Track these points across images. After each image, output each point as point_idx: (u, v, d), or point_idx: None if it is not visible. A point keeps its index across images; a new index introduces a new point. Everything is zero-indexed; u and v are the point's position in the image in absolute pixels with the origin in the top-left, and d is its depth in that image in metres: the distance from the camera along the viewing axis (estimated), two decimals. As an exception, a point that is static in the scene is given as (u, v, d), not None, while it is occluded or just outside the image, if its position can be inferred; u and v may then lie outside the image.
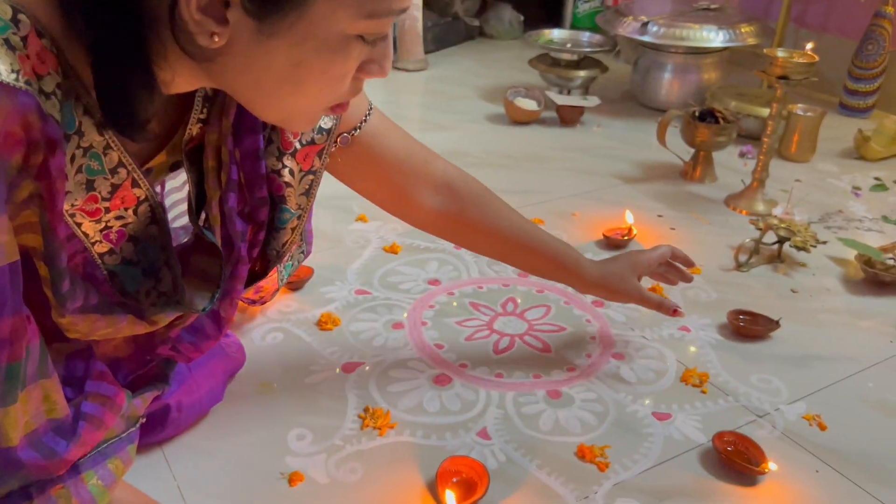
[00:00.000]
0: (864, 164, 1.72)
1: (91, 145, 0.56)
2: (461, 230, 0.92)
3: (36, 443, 0.55)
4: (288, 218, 0.76)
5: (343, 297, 1.11)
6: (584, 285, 0.96)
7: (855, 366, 1.01)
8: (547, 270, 0.96)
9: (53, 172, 0.50)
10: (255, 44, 0.52)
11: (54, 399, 0.57)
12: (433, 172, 0.87)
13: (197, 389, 0.81)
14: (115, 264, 0.64)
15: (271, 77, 0.55)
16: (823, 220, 1.43)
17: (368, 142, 0.81)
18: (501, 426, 0.87)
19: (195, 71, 0.55)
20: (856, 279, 1.23)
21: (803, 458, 0.85)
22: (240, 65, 0.54)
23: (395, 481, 0.78)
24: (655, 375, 0.97)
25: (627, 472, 0.81)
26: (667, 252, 0.99)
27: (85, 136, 0.55)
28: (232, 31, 0.51)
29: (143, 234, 0.66)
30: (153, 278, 0.68)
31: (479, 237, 0.92)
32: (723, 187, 1.54)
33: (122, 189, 0.61)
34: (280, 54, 0.53)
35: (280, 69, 0.54)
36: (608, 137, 1.82)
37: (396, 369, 0.96)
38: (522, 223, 0.92)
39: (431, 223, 0.91)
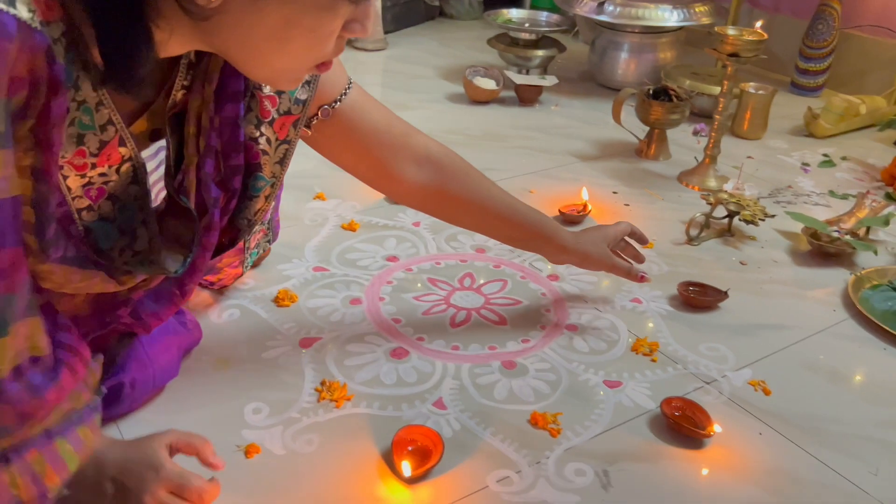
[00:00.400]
0: (813, 141, 1.77)
1: (85, 100, 0.58)
2: (443, 204, 0.94)
3: (20, 379, 0.55)
4: (262, 186, 0.78)
5: (300, 274, 1.11)
6: (560, 252, 0.99)
7: (799, 334, 1.05)
8: (526, 240, 1.00)
9: (53, 115, 0.52)
10: (249, 3, 0.55)
11: (38, 337, 0.57)
12: (414, 146, 0.89)
13: (150, 365, 0.81)
14: (91, 220, 0.66)
15: (262, 35, 0.58)
16: (773, 195, 1.47)
17: (348, 114, 0.83)
18: (457, 396, 0.89)
19: (190, 30, 0.57)
20: (803, 251, 1.27)
21: (748, 421, 0.88)
22: (233, 23, 0.56)
23: (352, 451, 0.80)
24: (607, 345, 1.00)
25: (578, 437, 0.84)
26: (626, 228, 1.04)
27: (80, 90, 0.57)
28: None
29: (123, 193, 0.68)
30: (129, 236, 0.69)
31: (462, 210, 0.95)
32: (676, 164, 1.57)
33: (109, 146, 0.63)
34: (272, 13, 0.56)
35: (271, 27, 0.57)
36: (566, 116, 1.84)
37: (354, 343, 0.97)
38: (503, 195, 0.95)
39: (414, 197, 0.93)
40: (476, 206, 0.94)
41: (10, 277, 0.52)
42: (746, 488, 0.78)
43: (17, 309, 0.54)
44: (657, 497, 0.77)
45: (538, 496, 0.76)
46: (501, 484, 0.77)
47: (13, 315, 0.53)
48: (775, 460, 0.82)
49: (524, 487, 0.77)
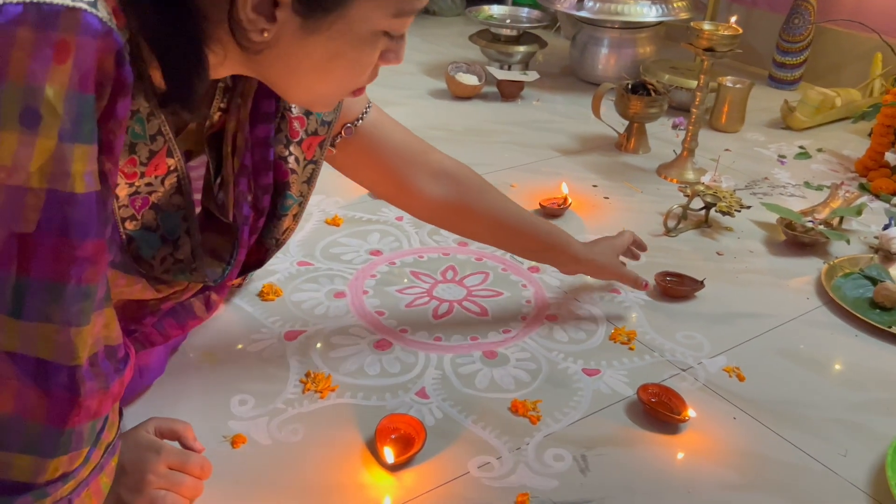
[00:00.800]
0: (790, 133, 1.80)
1: (139, 109, 0.60)
2: (461, 218, 0.97)
3: (95, 366, 0.56)
4: (290, 205, 0.81)
5: (285, 269, 1.13)
6: (573, 262, 1.03)
7: (773, 321, 1.07)
8: (540, 251, 1.03)
9: (119, 116, 0.53)
10: (298, 38, 0.59)
11: (112, 327, 0.58)
12: (431, 162, 0.93)
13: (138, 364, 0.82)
14: (134, 230, 0.68)
15: (308, 66, 0.62)
16: (750, 186, 1.50)
17: (369, 132, 0.87)
18: (439, 386, 0.91)
19: (241, 58, 0.61)
20: (778, 241, 1.29)
21: (722, 406, 0.90)
22: (281, 55, 0.60)
23: (336, 440, 0.81)
24: (586, 335, 1.02)
25: (557, 423, 0.86)
26: (630, 237, 1.10)
27: (135, 100, 0.59)
28: (279, 28, 0.57)
29: (167, 203, 0.70)
30: (171, 245, 0.72)
31: (479, 225, 0.99)
32: (655, 157, 1.59)
33: (157, 156, 0.65)
34: (318, 47, 0.60)
35: (317, 60, 0.61)
36: (547, 111, 1.86)
37: (338, 336, 0.98)
38: (517, 209, 0.99)
39: (433, 212, 0.97)
40: (493, 220, 0.97)
41: (93, 267, 0.53)
42: (720, 470, 0.81)
43: (98, 298, 0.55)
44: (634, 480, 0.79)
45: (518, 481, 0.78)
46: (482, 470, 0.79)
47: (94, 304, 0.54)
48: (748, 443, 0.85)
49: (504, 473, 0.79)
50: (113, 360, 0.59)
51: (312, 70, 0.62)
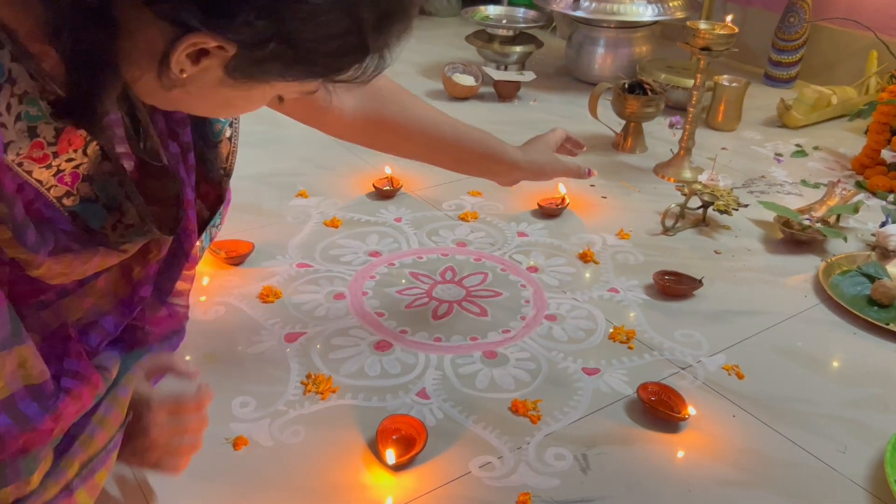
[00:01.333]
0: (786, 131, 1.80)
1: (26, 91, 0.56)
2: (384, 132, 0.91)
3: (10, 408, 0.55)
4: (220, 129, 0.79)
5: (284, 271, 1.13)
6: (512, 169, 0.99)
7: (772, 319, 1.08)
8: (475, 162, 0.98)
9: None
10: (211, 87, 0.58)
11: (31, 364, 0.56)
12: None
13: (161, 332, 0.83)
14: (74, 205, 0.66)
15: (208, 106, 0.63)
16: (747, 185, 1.50)
17: None
18: (440, 386, 0.91)
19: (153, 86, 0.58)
20: (775, 239, 1.30)
21: (722, 404, 0.91)
22: (190, 94, 0.59)
23: (338, 441, 0.82)
24: (585, 334, 1.02)
25: (558, 423, 0.86)
26: (563, 133, 1.06)
27: (18, 83, 0.55)
28: (200, 73, 0.55)
29: (97, 172, 0.68)
30: (117, 212, 0.70)
31: (402, 137, 0.92)
32: (652, 156, 1.60)
33: (66, 132, 0.61)
34: (224, 96, 0.59)
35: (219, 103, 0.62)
36: (544, 111, 1.86)
37: (338, 337, 0.99)
38: (442, 118, 0.93)
39: (354, 128, 0.90)
40: (417, 132, 0.91)
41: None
42: (720, 468, 0.81)
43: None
44: (635, 478, 0.79)
45: (519, 480, 0.78)
46: (484, 469, 0.79)
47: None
48: (748, 441, 0.85)
49: (506, 472, 0.79)
50: (39, 399, 0.57)
51: (211, 109, 0.65)
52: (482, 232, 1.28)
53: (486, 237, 1.26)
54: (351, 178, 1.43)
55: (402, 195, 1.38)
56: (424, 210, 1.33)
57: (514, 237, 1.27)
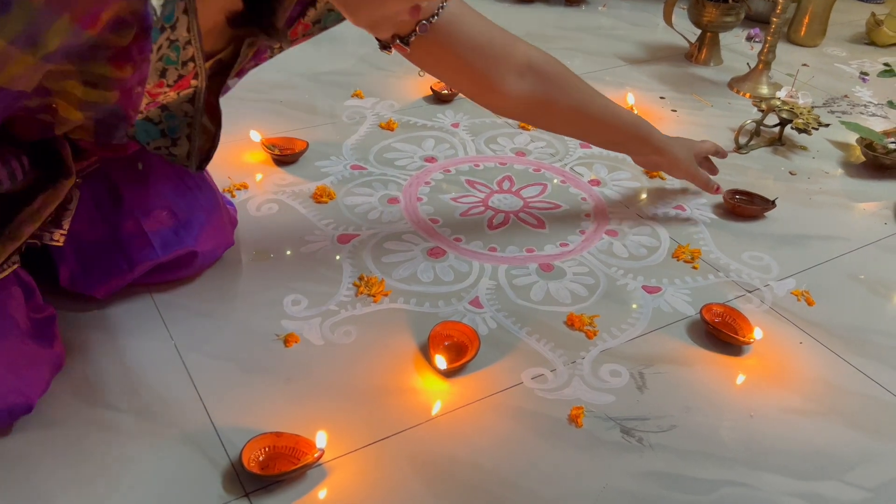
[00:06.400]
0: (874, 49, 1.68)
1: (177, 39, 0.61)
2: (545, 112, 0.93)
3: None
4: None
5: (338, 172, 1.10)
6: (653, 152, 1.00)
7: (847, 245, 1.02)
8: (624, 142, 1.00)
9: (137, 57, 0.54)
10: None
11: None
12: (515, 56, 0.87)
13: (214, 236, 0.86)
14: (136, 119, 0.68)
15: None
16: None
17: (446, 28, 0.81)
18: (493, 296, 0.88)
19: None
20: (856, 163, 1.22)
21: (789, 330, 0.86)
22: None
23: (388, 344, 0.80)
24: (648, 251, 0.98)
25: (615, 339, 0.83)
26: (712, 147, 1.08)
27: (176, 31, 0.59)
28: None
29: (176, 108, 0.72)
30: (169, 140, 0.75)
31: (563, 118, 0.94)
32: (727, 70, 1.50)
33: (184, 79, 0.66)
34: None
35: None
36: (613, 17, 1.76)
37: (391, 241, 0.96)
38: (603, 101, 0.95)
39: (517, 108, 0.93)
40: (577, 113, 0.93)
41: None
42: (785, 395, 0.78)
43: None
44: (693, 400, 0.76)
45: (572, 394, 0.76)
46: (536, 381, 0.77)
47: None
48: (815, 369, 0.81)
49: (559, 385, 0.77)
50: None
51: None
52: (543, 141, 1.22)
53: (546, 147, 1.21)
54: (408, 79, 1.37)
55: (460, 100, 1.32)
56: (483, 116, 1.28)
57: (577, 148, 1.21)
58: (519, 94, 0.88)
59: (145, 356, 0.77)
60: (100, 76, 0.55)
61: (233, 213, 0.93)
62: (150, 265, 0.81)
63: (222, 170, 1.05)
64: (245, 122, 1.18)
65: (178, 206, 0.82)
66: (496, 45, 0.85)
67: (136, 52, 0.53)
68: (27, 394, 0.67)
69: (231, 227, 0.91)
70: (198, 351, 0.78)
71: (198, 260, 0.84)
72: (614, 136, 0.98)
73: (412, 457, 0.68)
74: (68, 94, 0.57)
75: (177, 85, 0.66)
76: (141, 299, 0.83)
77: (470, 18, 0.83)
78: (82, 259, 0.79)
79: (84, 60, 0.53)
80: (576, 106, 0.92)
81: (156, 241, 0.80)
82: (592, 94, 0.94)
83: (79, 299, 0.81)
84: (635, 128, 0.98)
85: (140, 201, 0.80)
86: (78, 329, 0.79)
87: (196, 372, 0.75)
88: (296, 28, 0.76)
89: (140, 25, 0.51)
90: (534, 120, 0.98)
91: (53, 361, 0.71)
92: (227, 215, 0.90)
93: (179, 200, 0.82)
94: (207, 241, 0.85)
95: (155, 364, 0.76)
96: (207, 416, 0.70)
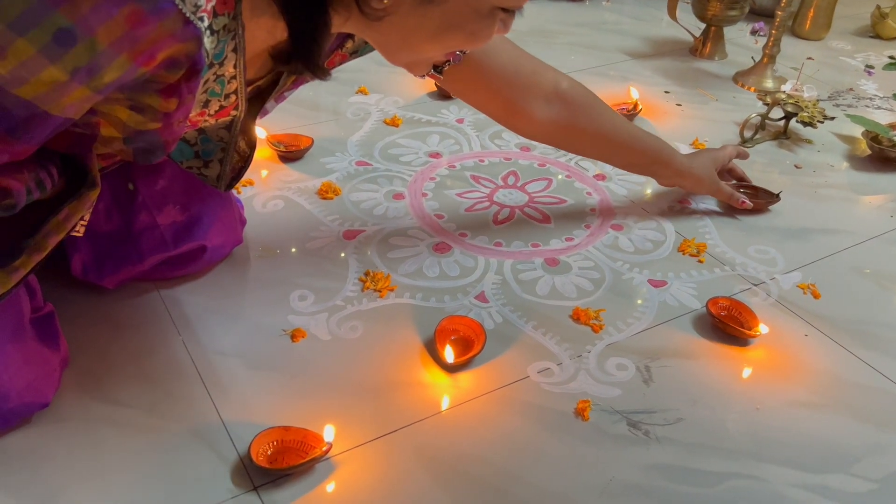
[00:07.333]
0: (879, 42, 1.67)
1: (223, 74, 0.63)
2: (571, 137, 0.96)
3: None
4: None
5: (343, 168, 1.10)
6: (676, 175, 1.02)
7: (852, 239, 1.02)
8: (645, 165, 1.02)
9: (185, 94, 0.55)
10: (415, 8, 0.60)
11: None
12: (543, 83, 0.90)
13: (223, 232, 0.86)
14: None
15: (421, 35, 0.63)
16: (833, 97, 1.40)
17: (478, 57, 0.85)
18: (499, 291, 0.88)
19: (361, 24, 0.63)
20: (861, 156, 1.22)
21: (795, 323, 0.86)
22: (399, 23, 0.62)
23: (395, 339, 0.81)
24: (653, 245, 0.98)
25: (621, 333, 0.83)
26: (733, 151, 1.07)
27: (223, 67, 0.62)
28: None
29: (212, 132, 0.74)
30: (202, 162, 0.79)
31: (587, 142, 0.97)
32: (732, 64, 1.50)
33: (225, 109, 0.68)
34: (434, 17, 0.61)
35: (431, 29, 0.62)
36: (617, 12, 1.76)
37: (397, 237, 0.97)
38: (626, 125, 0.98)
39: (544, 133, 0.96)
40: (601, 138, 0.96)
41: None
42: (791, 388, 0.78)
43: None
44: (700, 393, 0.77)
45: (579, 387, 0.76)
46: (542, 375, 0.77)
47: None
48: (822, 362, 0.81)
49: (565, 379, 0.77)
50: None
51: (426, 38, 0.63)
52: (547, 136, 1.22)
53: (551, 142, 1.21)
54: (412, 76, 1.37)
55: (464, 96, 1.32)
56: (488, 112, 1.28)
57: (581, 143, 1.21)
58: (545, 121, 0.91)
59: (153, 352, 0.77)
60: (147, 105, 0.56)
61: (241, 210, 0.94)
62: (161, 258, 0.82)
63: (228, 167, 1.05)
64: (250, 119, 1.18)
65: (191, 202, 0.83)
66: (524, 73, 0.89)
67: (185, 91, 0.55)
68: (43, 391, 0.68)
69: (240, 225, 0.92)
70: (205, 346, 0.78)
71: (206, 255, 0.85)
72: (637, 160, 1.00)
73: (419, 450, 0.69)
74: (113, 117, 0.58)
75: (217, 114, 0.69)
76: (148, 295, 0.84)
77: (500, 48, 0.87)
78: (96, 250, 0.80)
79: (134, 92, 0.55)
80: (601, 131, 0.95)
81: (167, 235, 0.81)
82: (616, 119, 0.96)
83: (87, 295, 0.82)
84: (657, 152, 0.99)
85: (154, 195, 0.81)
86: (86, 325, 0.79)
87: (204, 367, 0.76)
88: (333, 59, 0.78)
89: (191, 66, 0.53)
90: (559, 144, 1.00)
91: (61, 357, 0.72)
92: (237, 213, 0.90)
93: (192, 196, 0.83)
94: (217, 236, 0.85)
95: (163, 359, 0.76)
96: (216, 411, 0.71)
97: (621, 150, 0.98)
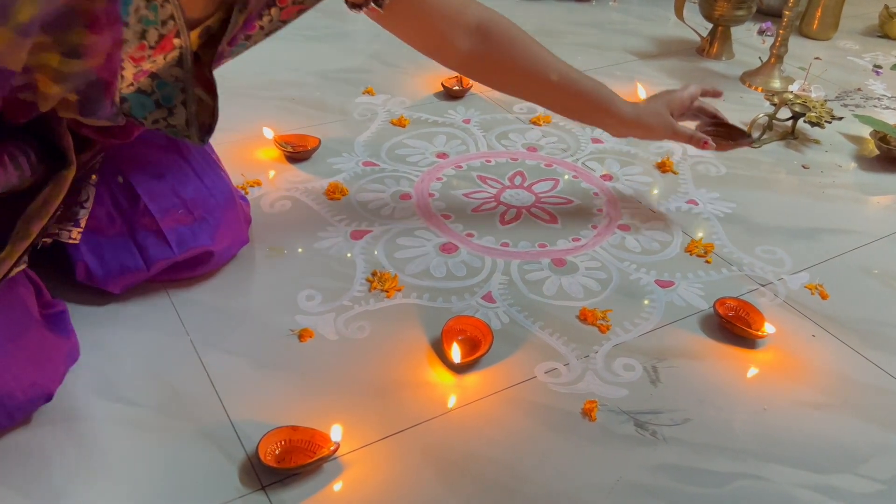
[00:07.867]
0: (887, 42, 1.67)
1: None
2: (491, 70, 0.92)
3: None
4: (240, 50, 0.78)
5: (350, 169, 1.10)
6: (619, 123, 0.96)
7: (860, 239, 1.01)
8: (581, 111, 0.97)
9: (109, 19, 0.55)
10: None
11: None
12: (466, 16, 0.88)
13: (229, 234, 0.86)
14: (128, 93, 0.68)
15: None
16: (841, 97, 1.40)
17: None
18: (506, 291, 0.89)
19: None
20: (869, 156, 1.21)
21: (803, 324, 0.86)
22: None
23: (402, 339, 0.81)
24: (660, 245, 0.98)
25: (628, 333, 0.83)
26: (695, 91, 0.99)
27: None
28: None
29: (165, 73, 0.70)
30: (165, 110, 0.72)
31: (510, 77, 0.93)
32: (739, 64, 1.50)
33: (165, 39, 0.65)
34: None
35: None
36: (624, 12, 1.76)
37: (404, 237, 0.97)
38: (555, 63, 0.92)
39: (463, 65, 0.92)
40: (525, 74, 0.91)
41: None
42: (799, 388, 0.78)
43: None
44: (707, 393, 0.77)
45: (586, 388, 0.76)
46: (549, 375, 0.77)
47: None
48: (830, 363, 0.81)
49: (572, 379, 0.77)
50: None
51: None
52: (554, 137, 1.23)
53: (558, 142, 1.21)
54: (419, 76, 1.38)
55: (471, 96, 1.32)
56: (494, 112, 1.28)
57: (588, 143, 1.21)
58: (464, 51, 0.89)
59: (162, 351, 0.77)
60: (76, 45, 0.55)
61: (246, 209, 0.94)
62: (166, 264, 0.81)
63: (236, 167, 1.06)
64: (257, 120, 1.18)
65: (195, 205, 0.83)
66: (452, 6, 0.87)
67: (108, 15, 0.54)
68: (47, 385, 0.68)
69: (246, 225, 0.92)
70: (213, 346, 0.78)
71: (214, 258, 0.85)
72: (572, 104, 0.95)
73: (426, 450, 0.69)
74: (46, 67, 0.58)
75: (159, 46, 0.65)
76: (157, 295, 0.84)
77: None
78: (99, 255, 0.80)
79: (60, 30, 0.54)
80: (521, 67, 0.91)
81: (172, 240, 0.81)
82: (549, 59, 0.92)
83: (95, 295, 0.82)
84: (593, 95, 0.93)
85: (157, 199, 0.81)
86: (95, 324, 0.80)
87: (212, 367, 0.76)
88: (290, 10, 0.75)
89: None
90: (484, 78, 0.95)
91: (69, 352, 0.72)
92: (242, 213, 0.90)
93: (196, 199, 0.83)
94: (223, 239, 0.85)
95: (171, 359, 0.76)
96: (224, 411, 0.71)
97: (549, 91, 0.93)
